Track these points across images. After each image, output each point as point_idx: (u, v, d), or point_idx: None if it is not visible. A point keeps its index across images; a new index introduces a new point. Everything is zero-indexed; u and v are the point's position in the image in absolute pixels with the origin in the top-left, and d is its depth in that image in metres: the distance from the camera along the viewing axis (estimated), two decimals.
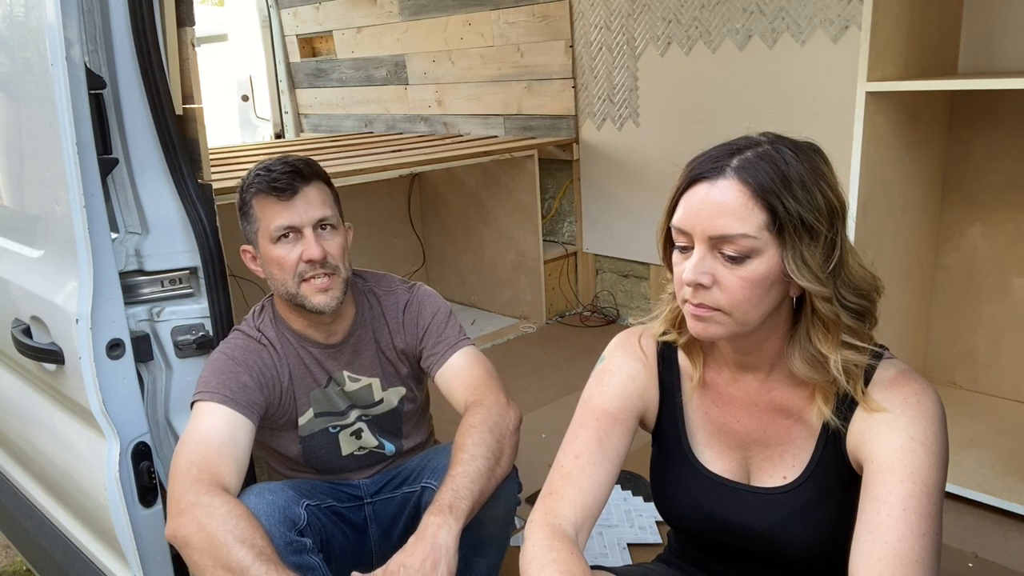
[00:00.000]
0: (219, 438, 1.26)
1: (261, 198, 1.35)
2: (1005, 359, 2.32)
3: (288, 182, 1.33)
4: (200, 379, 1.35)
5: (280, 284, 1.37)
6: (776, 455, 1.01)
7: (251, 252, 1.42)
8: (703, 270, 0.89)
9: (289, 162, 1.36)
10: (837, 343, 0.91)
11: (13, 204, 1.53)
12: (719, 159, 0.90)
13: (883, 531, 0.85)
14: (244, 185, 1.38)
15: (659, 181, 3.08)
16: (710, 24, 2.81)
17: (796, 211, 0.86)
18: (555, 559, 0.94)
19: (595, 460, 1.03)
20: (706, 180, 0.89)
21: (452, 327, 1.49)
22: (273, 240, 1.35)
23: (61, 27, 1.21)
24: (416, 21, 3.89)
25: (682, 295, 0.93)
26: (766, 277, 0.88)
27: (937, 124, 2.18)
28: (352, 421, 1.49)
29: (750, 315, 0.90)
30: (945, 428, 0.91)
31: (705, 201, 0.88)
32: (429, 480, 1.39)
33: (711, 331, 0.92)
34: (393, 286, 1.52)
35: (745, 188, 0.87)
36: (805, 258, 0.87)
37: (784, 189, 0.86)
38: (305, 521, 1.31)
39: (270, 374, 1.40)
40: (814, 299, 0.90)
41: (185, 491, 1.19)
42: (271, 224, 1.34)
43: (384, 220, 3.80)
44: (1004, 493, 1.87)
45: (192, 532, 1.16)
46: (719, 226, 0.87)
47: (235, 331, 1.44)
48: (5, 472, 1.90)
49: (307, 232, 1.34)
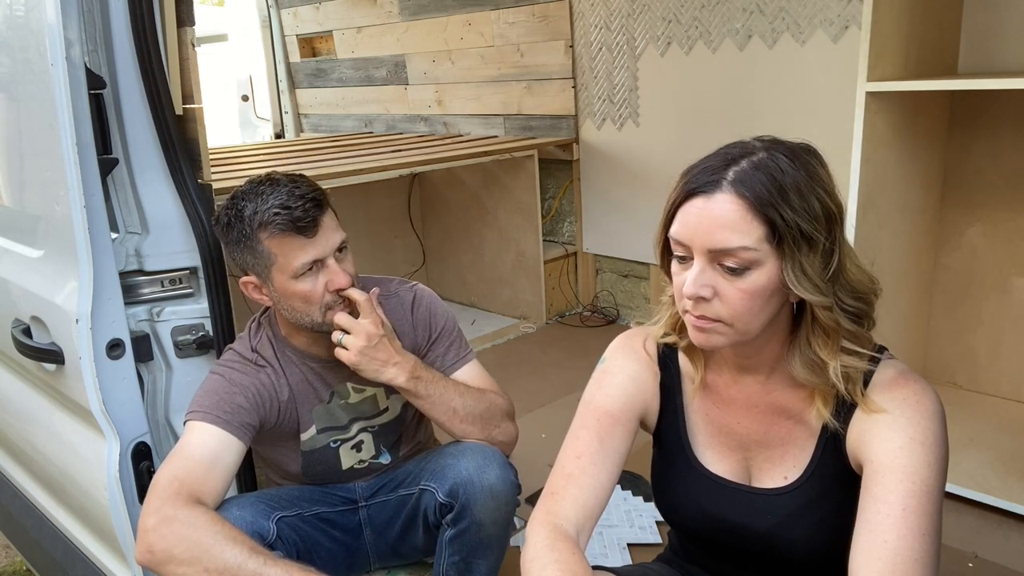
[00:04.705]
0: (207, 457, 1.24)
1: (282, 237, 1.25)
2: (1005, 359, 2.32)
3: (312, 219, 1.26)
4: (194, 399, 1.32)
5: (303, 316, 1.32)
6: (777, 456, 1.02)
7: (254, 283, 1.34)
8: (703, 283, 0.89)
9: (305, 195, 1.26)
10: (837, 349, 0.91)
11: (13, 204, 1.54)
12: (715, 171, 0.88)
13: (883, 530, 0.85)
14: (249, 218, 1.26)
15: (659, 181, 3.06)
16: (710, 24, 2.81)
17: (794, 222, 0.86)
18: (557, 559, 0.94)
19: (596, 461, 1.03)
20: (702, 194, 0.88)
21: (461, 336, 1.52)
22: (296, 276, 1.28)
23: (61, 27, 1.21)
24: (416, 21, 3.89)
25: (682, 306, 0.93)
26: (766, 288, 0.88)
27: (937, 124, 2.18)
28: (354, 434, 1.48)
29: (751, 325, 0.90)
30: (945, 428, 0.91)
31: (703, 215, 0.88)
32: (428, 482, 1.37)
33: (713, 341, 0.92)
34: (392, 288, 1.51)
35: (742, 201, 0.86)
36: (804, 268, 0.87)
37: (781, 200, 0.86)
38: (275, 535, 1.30)
39: (267, 393, 1.37)
40: (814, 308, 0.90)
41: (161, 504, 1.16)
42: (295, 262, 1.27)
43: (384, 220, 3.80)
44: (1004, 493, 1.87)
45: (174, 544, 1.12)
46: (718, 240, 0.87)
47: (230, 351, 1.40)
48: (5, 472, 1.90)
49: (331, 263, 1.29)
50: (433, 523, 1.39)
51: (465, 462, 1.33)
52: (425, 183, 3.84)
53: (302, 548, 1.37)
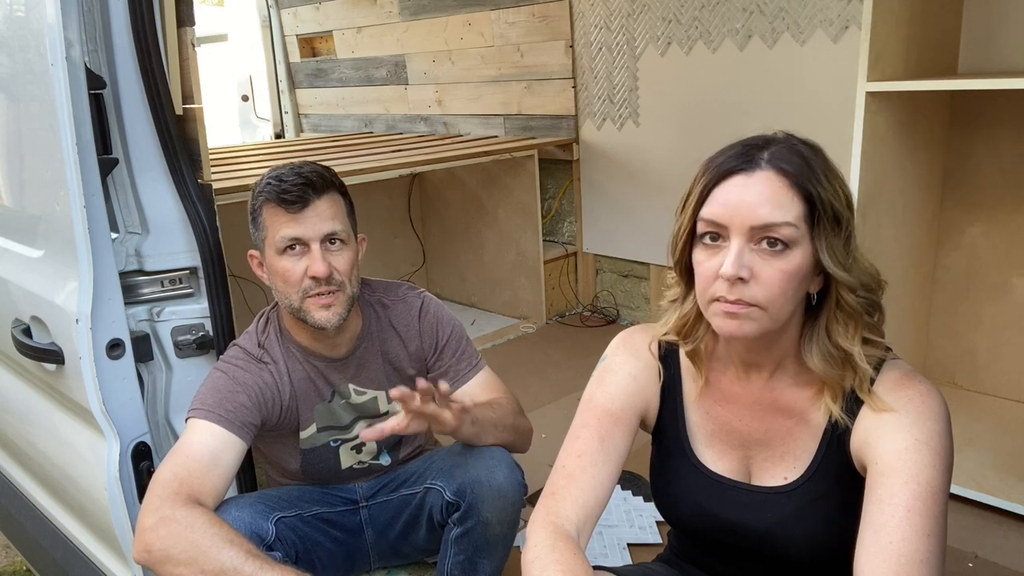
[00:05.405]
0: (208, 456, 1.24)
1: (270, 207, 1.31)
2: (1005, 359, 2.32)
3: (298, 194, 1.29)
4: (196, 396, 1.32)
5: (284, 297, 1.35)
6: (777, 455, 1.02)
7: (258, 258, 1.40)
8: (743, 263, 0.88)
9: (302, 173, 1.31)
10: (859, 335, 0.92)
11: (13, 204, 1.54)
12: (748, 153, 0.90)
13: (888, 532, 0.84)
14: (255, 190, 1.35)
15: (659, 181, 3.08)
16: (710, 24, 2.81)
17: (828, 201, 0.88)
18: (558, 559, 0.94)
19: (597, 460, 1.03)
20: (742, 172, 0.89)
21: (470, 344, 1.52)
22: (279, 251, 1.31)
23: (61, 27, 1.21)
24: (416, 21, 3.89)
25: (712, 293, 0.91)
26: (800, 269, 0.89)
27: (937, 124, 2.18)
28: (356, 434, 1.48)
29: (783, 311, 0.90)
30: (950, 429, 0.91)
31: (745, 192, 0.88)
32: (435, 481, 1.38)
33: (745, 328, 0.90)
34: (401, 293, 1.52)
35: (784, 178, 0.88)
36: (835, 249, 0.89)
37: (815, 180, 0.88)
38: (274, 535, 1.30)
39: (270, 392, 1.37)
40: (840, 290, 0.91)
41: (160, 504, 1.16)
42: (277, 234, 1.31)
43: (384, 220, 3.80)
44: (1004, 493, 1.87)
45: (171, 544, 1.12)
46: (761, 215, 0.87)
47: (235, 347, 1.41)
48: (5, 472, 1.90)
49: (314, 247, 1.30)
50: (439, 522, 1.39)
51: (474, 462, 1.33)
52: (425, 183, 3.84)
53: (301, 549, 1.37)
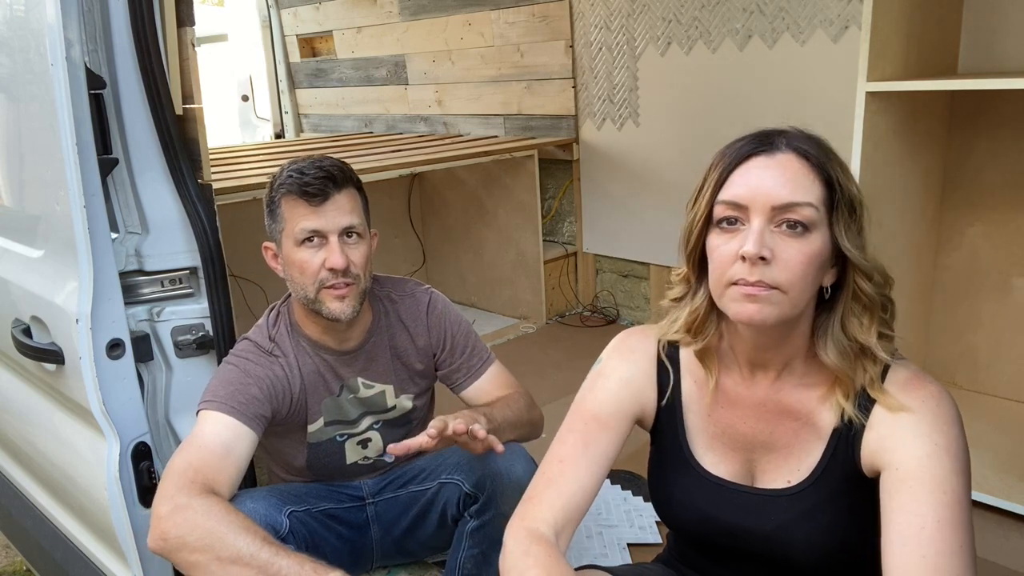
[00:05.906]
0: (221, 447, 1.25)
1: (290, 199, 1.33)
2: (1005, 359, 2.32)
3: (320, 187, 1.31)
4: (208, 388, 1.34)
5: (299, 288, 1.36)
6: (781, 458, 1.01)
7: (273, 250, 1.41)
8: (765, 243, 0.87)
9: (323, 166, 1.33)
10: (874, 328, 0.92)
11: (13, 204, 1.54)
12: (767, 138, 0.91)
13: (919, 544, 0.83)
14: (274, 182, 1.36)
15: (659, 181, 3.08)
16: (710, 24, 2.81)
17: (847, 186, 0.90)
18: (533, 564, 0.94)
19: (579, 465, 1.03)
20: (762, 153, 0.90)
21: (478, 339, 1.55)
22: (297, 242, 1.33)
23: (61, 27, 1.21)
24: (416, 21, 3.89)
25: (730, 276, 0.89)
26: (820, 255, 0.89)
27: (937, 124, 2.18)
28: (363, 430, 1.49)
29: (802, 296, 0.90)
30: (964, 432, 0.90)
31: (767, 171, 0.89)
32: (451, 476, 1.40)
33: (765, 313, 0.88)
34: (409, 289, 1.54)
35: (805, 160, 0.89)
36: (851, 236, 0.90)
37: (834, 164, 0.90)
38: (287, 528, 1.31)
39: (280, 385, 1.38)
40: (857, 280, 0.91)
41: (176, 492, 1.17)
42: (297, 225, 1.32)
43: (384, 220, 3.80)
44: (1004, 493, 1.87)
45: (188, 531, 1.13)
46: (784, 195, 0.87)
47: (245, 340, 1.42)
48: (5, 472, 1.90)
49: (333, 240, 1.32)
50: (453, 516, 1.41)
51: (491, 456, 1.33)
52: (425, 183, 3.84)
53: (311, 543, 1.38)
